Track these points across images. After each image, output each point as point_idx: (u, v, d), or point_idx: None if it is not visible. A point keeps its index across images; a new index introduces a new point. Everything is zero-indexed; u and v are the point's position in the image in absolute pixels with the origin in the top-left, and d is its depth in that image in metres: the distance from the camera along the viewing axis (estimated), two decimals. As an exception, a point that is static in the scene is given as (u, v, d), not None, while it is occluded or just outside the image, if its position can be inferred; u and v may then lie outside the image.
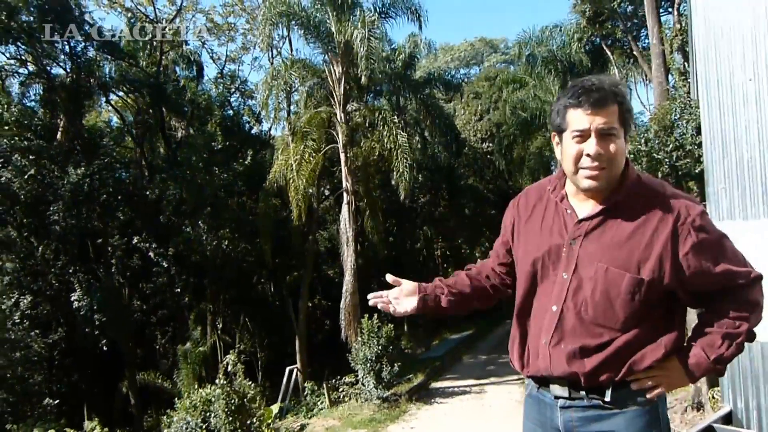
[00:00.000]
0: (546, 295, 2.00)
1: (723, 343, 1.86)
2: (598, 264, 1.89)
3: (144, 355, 24.18)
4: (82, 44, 20.91)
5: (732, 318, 1.87)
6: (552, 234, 2.01)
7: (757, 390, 4.70)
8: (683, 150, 10.43)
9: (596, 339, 1.90)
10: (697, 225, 1.84)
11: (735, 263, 1.87)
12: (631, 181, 1.95)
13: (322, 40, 17.24)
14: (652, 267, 1.84)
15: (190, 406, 12.07)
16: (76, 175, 18.94)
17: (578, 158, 1.90)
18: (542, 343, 1.99)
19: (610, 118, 1.85)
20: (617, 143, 1.87)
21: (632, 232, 1.88)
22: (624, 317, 1.87)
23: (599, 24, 18.36)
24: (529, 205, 2.15)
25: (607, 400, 1.92)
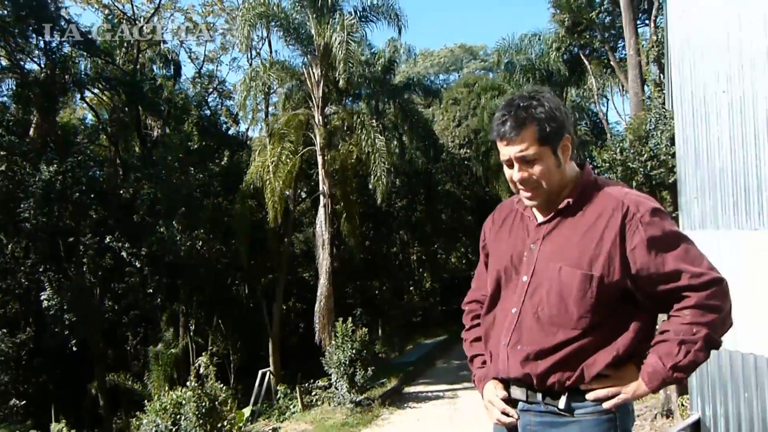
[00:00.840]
0: (508, 299, 2.04)
1: (680, 350, 1.82)
2: (554, 264, 1.92)
3: (115, 356, 23.85)
4: (57, 40, 20.59)
5: (689, 324, 1.82)
6: (516, 241, 2.07)
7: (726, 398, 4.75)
8: (657, 160, 10.56)
9: (551, 339, 1.90)
10: (646, 221, 1.84)
11: (688, 263, 1.83)
12: (585, 182, 1.99)
13: (301, 43, 17.18)
14: (602, 263, 1.85)
15: (160, 409, 11.92)
16: (48, 173, 18.64)
17: (512, 182, 1.99)
18: (501, 344, 2.01)
19: (526, 144, 1.89)
20: (541, 165, 1.90)
21: (585, 232, 1.90)
22: (578, 315, 1.87)
23: (577, 34, 18.55)
24: (500, 218, 2.22)
25: (561, 408, 1.92)
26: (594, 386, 1.90)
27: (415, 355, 20.73)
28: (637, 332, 1.90)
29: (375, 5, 17.47)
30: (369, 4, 17.49)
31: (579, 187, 1.98)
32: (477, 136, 26.85)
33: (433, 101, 26.45)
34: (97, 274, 20.86)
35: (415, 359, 19.68)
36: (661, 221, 1.86)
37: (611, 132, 21.55)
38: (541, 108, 1.90)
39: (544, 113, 1.89)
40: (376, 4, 17.47)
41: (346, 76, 15.54)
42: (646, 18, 16.43)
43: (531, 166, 1.91)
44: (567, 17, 17.87)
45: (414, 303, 30.55)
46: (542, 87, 2.14)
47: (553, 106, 1.92)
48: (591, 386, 1.90)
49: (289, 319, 26.43)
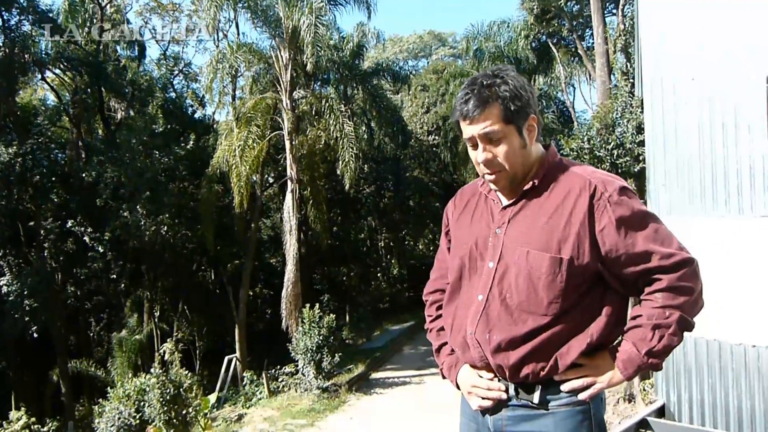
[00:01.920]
0: (473, 287, 1.95)
1: (653, 335, 1.76)
2: (520, 248, 1.85)
3: (77, 343, 23.47)
4: (16, 18, 19.95)
5: (661, 307, 1.77)
6: (480, 226, 1.98)
7: (690, 384, 4.82)
8: (623, 148, 10.67)
9: (521, 327, 1.83)
10: (614, 200, 1.78)
11: (658, 243, 1.78)
12: (550, 163, 1.92)
13: (269, 25, 16.95)
14: (572, 245, 1.79)
15: (123, 396, 11.79)
16: (7, 155, 18.18)
17: (477, 164, 1.90)
18: (468, 334, 1.93)
19: (490, 122, 1.81)
20: (505, 144, 1.83)
21: (552, 213, 1.84)
22: (548, 301, 1.81)
23: (546, 22, 18.62)
24: (462, 202, 2.12)
25: (536, 402, 1.87)
26: (568, 376, 1.84)
27: (382, 341, 20.77)
28: (609, 317, 1.85)
29: (344, -12, 17.33)
30: (338, -13, 17.34)
31: (544, 168, 1.91)
32: (445, 123, 26.85)
33: (401, 87, 26.35)
34: (58, 259, 20.45)
35: (382, 345, 19.72)
36: (629, 200, 1.81)
37: (578, 120, 21.75)
38: (505, 86, 1.82)
39: (508, 91, 1.81)
40: (346, -14, 17.32)
41: (314, 59, 15.38)
42: (614, 7, 16.57)
43: (495, 145, 1.83)
44: (535, 5, 17.92)
45: (381, 289, 30.64)
46: (506, 65, 2.05)
47: (517, 84, 1.84)
48: (565, 376, 1.85)
49: (256, 305, 26.29)
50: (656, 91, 5.00)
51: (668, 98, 4.91)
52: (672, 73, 4.95)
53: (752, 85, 4.67)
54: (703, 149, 4.61)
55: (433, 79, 29.49)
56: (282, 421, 12.37)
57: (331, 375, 14.17)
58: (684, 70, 4.83)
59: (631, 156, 10.54)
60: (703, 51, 4.71)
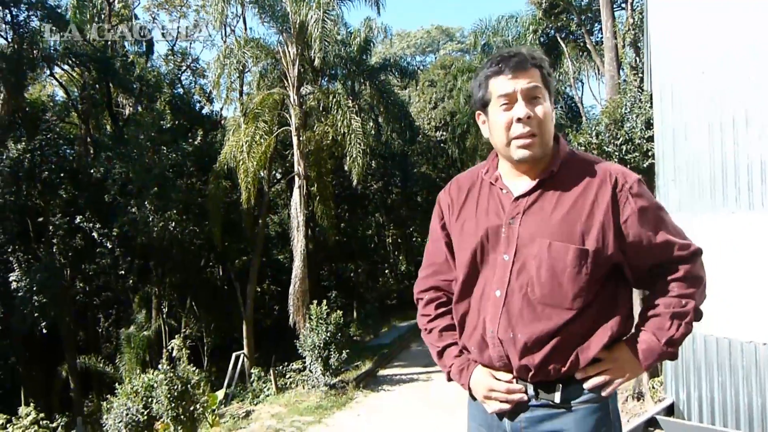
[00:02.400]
0: (488, 281, 1.87)
1: (672, 323, 1.78)
2: (541, 240, 1.79)
3: (86, 339, 23.56)
4: (24, 13, 20.01)
5: (678, 296, 1.80)
6: (489, 216, 1.90)
7: (699, 382, 4.77)
8: (632, 144, 10.56)
9: (546, 323, 1.78)
10: (635, 191, 1.79)
11: (674, 234, 1.83)
12: (564, 153, 1.89)
13: (276, 20, 16.89)
14: (596, 236, 1.76)
15: (131, 392, 11.80)
16: (16, 150, 18.27)
17: (509, 126, 1.82)
18: (489, 333, 1.85)
19: (533, 79, 1.81)
20: (545, 105, 1.81)
21: (572, 204, 1.80)
22: (573, 293, 1.76)
23: (554, 16, 18.46)
24: (462, 191, 2.02)
25: (558, 401, 1.81)
26: (588, 372, 1.81)
27: (389, 337, 20.75)
28: (623, 309, 1.84)
29: (352, -17, 17.27)
30: (346, -18, 17.29)
31: (559, 157, 1.87)
32: (453, 119, 26.78)
33: (409, 83, 26.24)
34: (67, 255, 20.51)
35: (389, 342, 19.70)
36: (646, 192, 1.84)
37: (587, 116, 21.61)
38: (542, 57, 1.87)
39: (546, 61, 1.87)
40: (354, -18, 17.26)
41: (321, 55, 15.35)
42: (623, 1, 16.42)
43: (535, 105, 1.80)
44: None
45: (389, 286, 30.63)
46: None
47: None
48: (585, 372, 1.81)
49: (263, 301, 26.32)
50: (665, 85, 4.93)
51: (678, 93, 4.84)
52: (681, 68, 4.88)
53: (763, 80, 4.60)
54: (713, 144, 4.54)
55: (441, 75, 29.41)
56: (289, 418, 12.36)
57: (339, 372, 14.14)
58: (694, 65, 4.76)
59: (640, 152, 10.43)
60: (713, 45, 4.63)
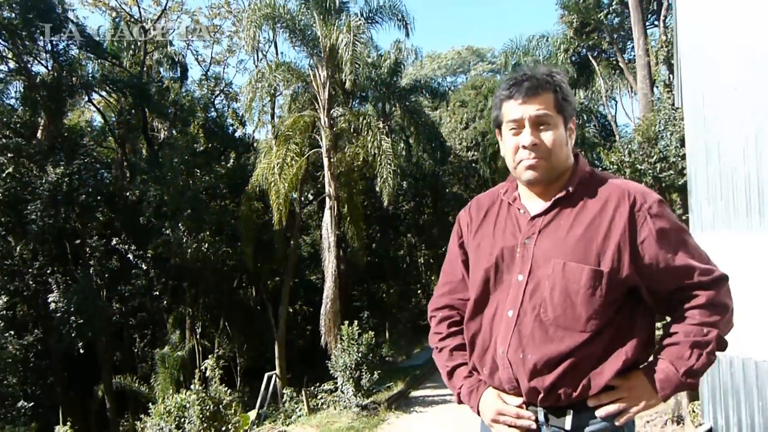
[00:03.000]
0: (501, 302, 1.85)
1: (692, 353, 1.69)
2: (555, 260, 1.75)
3: (122, 359, 23.84)
4: (64, 42, 20.64)
5: (699, 324, 1.70)
6: (505, 236, 1.89)
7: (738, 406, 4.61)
8: (667, 162, 10.43)
9: (558, 345, 1.73)
10: (654, 212, 1.73)
11: (696, 258, 1.73)
12: (583, 172, 1.86)
13: (307, 44, 17.13)
14: (611, 257, 1.71)
15: (164, 412, 11.85)
16: (55, 174, 18.68)
17: (516, 150, 1.83)
18: (499, 353, 1.82)
19: (543, 105, 1.79)
20: (554, 132, 1.79)
21: (589, 224, 1.76)
22: (587, 315, 1.72)
23: (586, 35, 18.43)
24: (480, 211, 2.03)
25: (568, 429, 1.75)
26: (601, 400, 1.74)
27: (422, 358, 20.58)
28: (641, 335, 1.76)
29: (381, 6, 17.46)
30: (375, 6, 17.49)
31: (577, 176, 1.84)
32: (484, 139, 26.67)
33: (440, 103, 26.34)
34: (103, 276, 20.88)
35: (422, 363, 19.53)
36: (668, 213, 1.77)
37: (620, 134, 21.39)
38: (560, 77, 1.84)
39: (563, 83, 1.83)
40: (383, 5, 17.43)
41: (352, 77, 15.47)
42: (655, 19, 16.30)
43: (543, 131, 1.79)
44: (575, 18, 17.77)
45: (421, 306, 30.39)
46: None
47: (568, 86, 1.87)
48: (598, 400, 1.74)
49: (296, 322, 26.36)
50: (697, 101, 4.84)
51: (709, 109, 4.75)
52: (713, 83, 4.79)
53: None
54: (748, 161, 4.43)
55: (472, 95, 29.37)
56: (321, 439, 12.31)
57: (371, 393, 14.05)
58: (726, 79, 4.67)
59: (674, 170, 10.29)
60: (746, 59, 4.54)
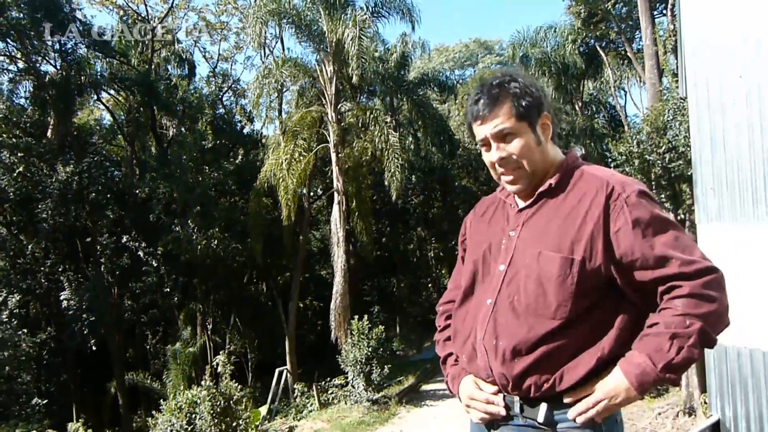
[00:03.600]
0: (483, 291, 1.89)
1: (671, 346, 1.60)
2: (532, 250, 1.78)
3: (135, 355, 24.02)
4: (72, 42, 20.72)
5: (682, 315, 1.61)
6: (495, 230, 1.94)
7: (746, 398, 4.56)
8: (676, 152, 10.30)
9: (527, 332, 1.73)
10: (632, 201, 1.70)
11: (678, 249, 1.66)
12: (568, 165, 1.87)
13: (313, 40, 17.10)
14: (584, 246, 1.71)
15: (175, 408, 11.90)
16: (65, 173, 18.79)
17: (492, 166, 1.88)
18: (478, 340, 1.84)
19: (501, 119, 1.81)
20: (519, 140, 1.81)
21: (567, 214, 1.77)
22: (557, 303, 1.71)
23: (593, 25, 18.28)
24: (482, 210, 2.11)
25: (541, 421, 1.74)
26: (577, 394, 1.71)
27: (432, 352, 20.43)
28: (622, 331, 1.73)
29: (387, 0, 17.36)
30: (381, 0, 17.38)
31: (561, 169, 1.86)
32: (493, 131, 26.57)
33: (448, 97, 26.26)
34: (114, 274, 21.01)
35: (432, 357, 19.51)
36: (648, 204, 1.72)
37: (630, 125, 21.25)
38: (514, 83, 1.83)
39: (518, 88, 1.82)
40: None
41: (359, 72, 15.42)
42: (663, 8, 16.13)
43: (508, 142, 1.81)
44: (582, 9, 17.62)
45: (432, 300, 30.40)
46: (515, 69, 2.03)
47: (527, 83, 1.85)
48: (574, 395, 1.72)
49: (306, 317, 26.43)
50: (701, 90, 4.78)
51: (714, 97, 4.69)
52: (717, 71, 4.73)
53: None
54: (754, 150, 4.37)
55: (480, 88, 29.25)
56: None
57: (381, 387, 14.07)
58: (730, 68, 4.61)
59: (684, 159, 10.16)
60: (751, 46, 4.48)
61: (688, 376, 10.24)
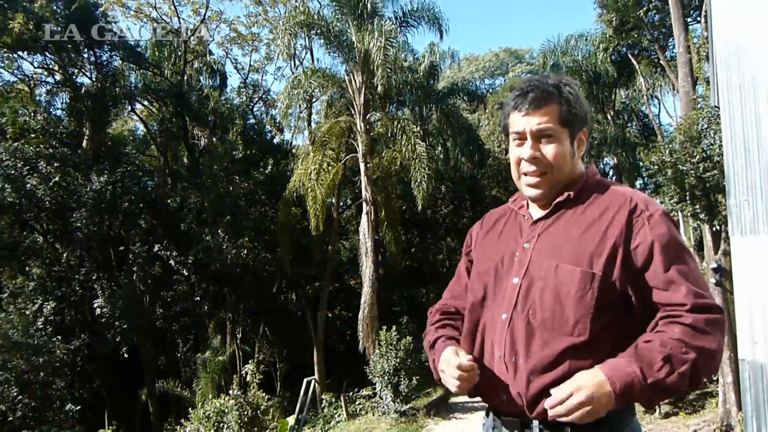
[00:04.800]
0: (497, 305, 1.79)
1: (663, 366, 1.51)
2: (548, 262, 1.70)
3: (166, 363, 24.24)
4: (107, 54, 21.16)
5: (678, 340, 1.53)
6: (507, 241, 1.86)
7: (783, 418, 4.39)
8: (711, 161, 10.08)
9: (544, 348, 1.65)
10: (654, 220, 1.65)
11: (690, 279, 1.59)
12: (588, 179, 1.81)
13: (342, 50, 17.20)
14: (604, 260, 1.63)
15: (203, 417, 11.99)
16: (99, 183, 19.13)
17: (518, 162, 1.81)
18: (497, 357, 1.75)
19: (547, 118, 1.74)
20: (557, 146, 1.75)
21: (587, 227, 1.70)
22: (575, 319, 1.62)
23: (625, 33, 18.04)
24: (490, 221, 2.02)
25: None
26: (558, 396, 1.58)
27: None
28: None
29: (415, 10, 17.40)
30: (409, 9, 17.43)
31: (581, 182, 1.80)
32: (523, 141, 26.37)
33: (478, 106, 26.14)
34: (146, 282, 21.27)
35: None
36: (669, 226, 1.67)
37: (663, 134, 20.89)
38: (569, 89, 1.78)
39: (571, 95, 1.77)
40: (417, 8, 17.38)
41: (384, 82, 15.44)
42: (697, 15, 15.85)
43: (545, 144, 1.75)
44: (614, 17, 17.40)
45: (461, 311, 30.18)
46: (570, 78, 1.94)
47: (579, 94, 1.80)
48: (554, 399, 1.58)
49: (335, 326, 26.42)
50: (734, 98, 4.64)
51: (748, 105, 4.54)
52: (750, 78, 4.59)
53: None
54: (790, 160, 4.22)
55: (511, 97, 29.08)
56: (358, 445, 12.29)
57: (409, 398, 13.97)
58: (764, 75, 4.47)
59: (719, 169, 9.93)
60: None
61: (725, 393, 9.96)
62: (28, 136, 20.86)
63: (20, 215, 20.59)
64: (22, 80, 22.85)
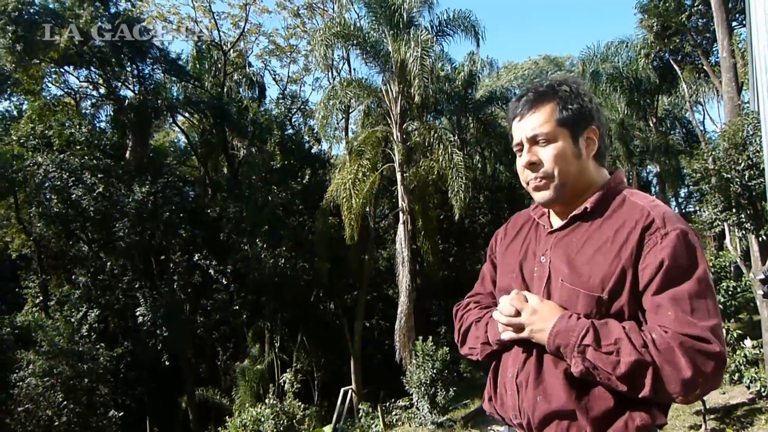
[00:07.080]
0: None
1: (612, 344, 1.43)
2: (562, 281, 1.60)
3: (206, 371, 24.52)
4: (149, 67, 21.63)
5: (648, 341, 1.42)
6: (527, 252, 1.76)
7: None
8: (757, 169, 9.76)
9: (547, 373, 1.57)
10: (668, 239, 1.49)
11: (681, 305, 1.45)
12: (609, 188, 1.67)
13: (378, 60, 17.24)
14: (613, 284, 1.52)
15: (240, 425, 12.07)
16: (141, 193, 19.50)
17: (522, 171, 1.70)
18: (509, 376, 1.68)
19: (540, 121, 1.63)
20: (554, 147, 1.63)
21: (601, 245, 1.57)
22: None
23: (667, 39, 17.70)
24: (515, 228, 1.89)
25: None
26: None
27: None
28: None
29: (451, 19, 17.36)
30: (445, 18, 17.43)
31: (600, 193, 1.66)
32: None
33: (517, 115, 25.92)
34: (186, 291, 21.58)
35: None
36: (684, 246, 1.50)
37: (707, 140, 20.40)
38: (565, 86, 1.66)
39: (567, 92, 1.65)
40: (453, 17, 17.34)
41: (421, 91, 15.40)
42: (742, 19, 15.45)
43: (542, 147, 1.64)
44: (655, 22, 17.09)
45: (500, 321, 29.82)
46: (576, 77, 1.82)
47: (581, 90, 1.68)
48: None
49: (372, 336, 26.37)
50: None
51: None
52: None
53: None
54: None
55: (550, 105, 28.80)
56: (394, 456, 12.21)
57: (446, 410, 13.84)
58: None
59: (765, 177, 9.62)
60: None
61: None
62: (74, 147, 21.42)
63: (67, 225, 21.14)
64: (68, 94, 23.58)
